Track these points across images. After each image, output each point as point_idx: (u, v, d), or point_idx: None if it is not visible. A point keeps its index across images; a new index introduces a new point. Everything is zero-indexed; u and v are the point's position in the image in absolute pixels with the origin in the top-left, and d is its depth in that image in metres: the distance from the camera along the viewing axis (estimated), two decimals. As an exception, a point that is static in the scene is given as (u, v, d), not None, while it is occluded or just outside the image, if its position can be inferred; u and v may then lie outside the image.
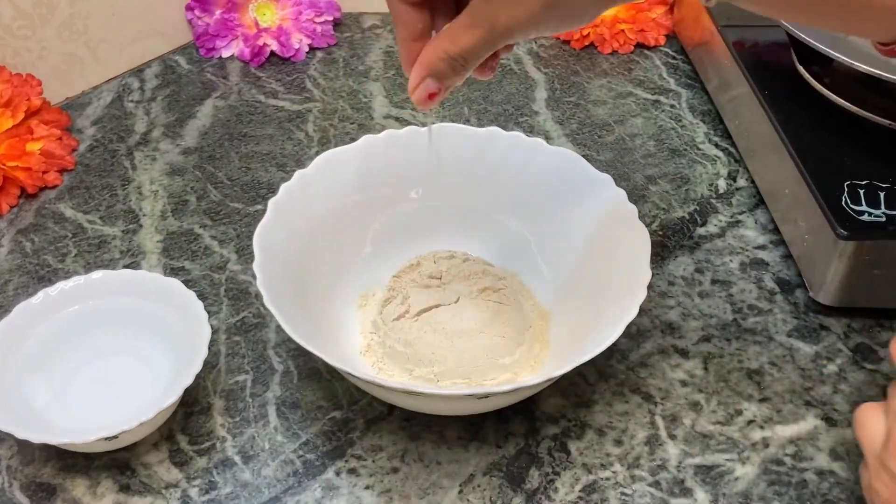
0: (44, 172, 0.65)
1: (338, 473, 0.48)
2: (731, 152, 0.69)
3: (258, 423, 0.50)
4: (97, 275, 0.52)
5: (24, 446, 0.49)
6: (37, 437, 0.44)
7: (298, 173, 0.53)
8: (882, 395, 0.52)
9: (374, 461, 0.48)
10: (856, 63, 0.56)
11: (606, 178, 0.53)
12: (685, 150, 0.69)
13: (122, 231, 0.62)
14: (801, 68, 0.64)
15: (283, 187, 0.52)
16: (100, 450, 0.47)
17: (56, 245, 0.61)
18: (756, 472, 0.48)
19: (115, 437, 0.45)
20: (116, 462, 0.48)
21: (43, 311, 0.51)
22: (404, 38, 0.41)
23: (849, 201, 0.53)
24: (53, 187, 0.66)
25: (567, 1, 0.37)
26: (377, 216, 0.56)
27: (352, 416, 0.51)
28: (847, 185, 0.54)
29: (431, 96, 0.41)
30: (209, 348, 0.49)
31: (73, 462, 0.48)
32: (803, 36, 0.60)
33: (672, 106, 0.74)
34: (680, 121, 0.72)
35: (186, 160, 0.68)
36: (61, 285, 0.51)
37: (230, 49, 0.80)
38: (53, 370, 0.50)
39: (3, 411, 0.45)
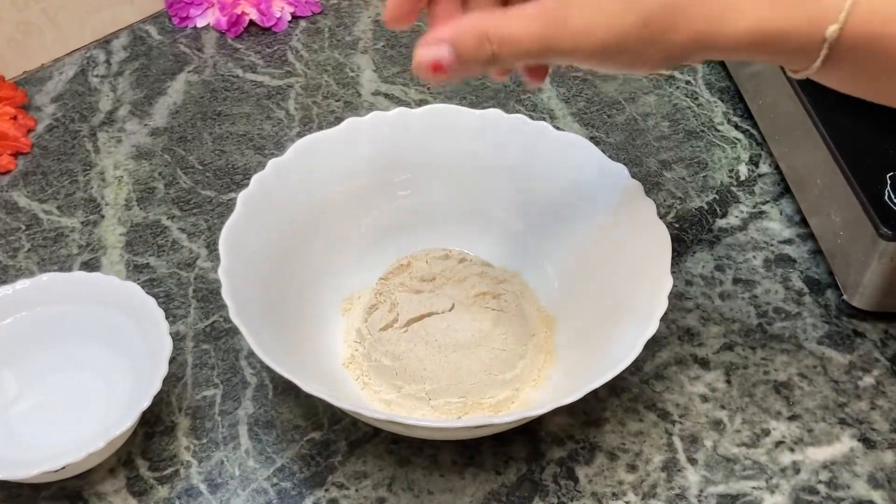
0: (-4, 156, 0.59)
1: (317, 505, 0.42)
2: (752, 134, 0.63)
3: (228, 446, 0.45)
4: (46, 277, 0.46)
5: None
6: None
7: (273, 162, 0.47)
8: (927, 414, 0.46)
9: (357, 490, 0.43)
10: None
11: (620, 169, 0.47)
12: (702, 131, 0.63)
13: (82, 223, 0.56)
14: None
15: (256, 178, 0.46)
16: (46, 480, 0.41)
17: (7, 238, 0.55)
18: (786, 502, 0.43)
19: (62, 468, 0.39)
20: (67, 492, 0.43)
21: None
22: None
23: (892, 195, 0.47)
24: (6, 172, 0.59)
25: (648, 42, 0.33)
26: (362, 211, 0.50)
27: (333, 437, 0.45)
28: (890, 178, 0.48)
29: (436, 68, 0.34)
30: (174, 358, 0.44)
31: (19, 492, 0.43)
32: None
33: (687, 82, 0.68)
34: (696, 99, 0.66)
35: (155, 142, 0.62)
36: (4, 290, 0.46)
37: (205, 18, 0.73)
38: (8, 380, 0.45)
39: None
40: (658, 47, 0.33)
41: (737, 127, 0.64)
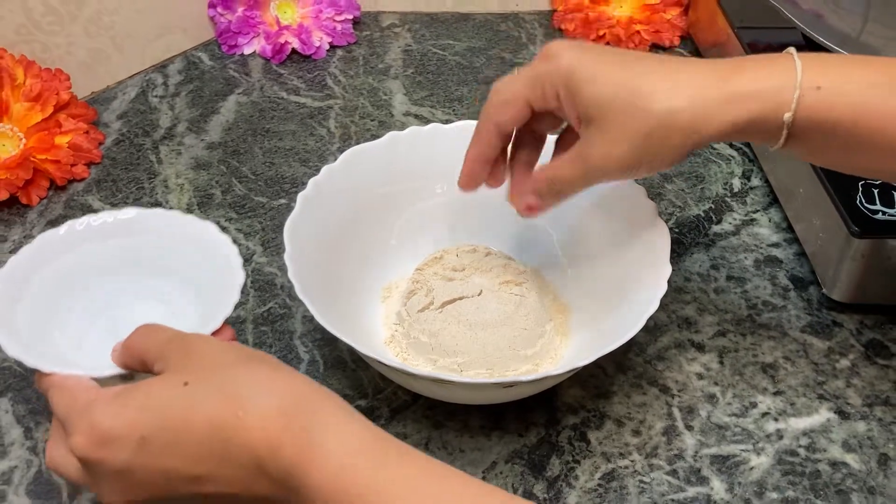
0: (72, 165, 0.67)
1: (364, 460, 0.49)
2: (745, 152, 0.70)
3: (286, 411, 0.51)
4: (129, 212, 0.49)
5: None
6: (47, 367, 0.41)
7: (326, 168, 0.54)
8: (895, 390, 0.53)
9: (398, 448, 0.50)
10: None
11: (626, 176, 0.54)
12: (701, 149, 0.71)
13: (150, 223, 0.63)
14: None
15: (312, 181, 0.53)
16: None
17: (85, 236, 0.62)
18: (770, 462, 0.49)
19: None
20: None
21: (67, 243, 0.47)
22: (475, 157, 0.48)
23: (863, 200, 0.55)
24: (81, 180, 0.67)
25: (653, 153, 0.42)
26: (401, 211, 0.57)
27: (377, 404, 0.52)
28: (861, 185, 0.55)
29: (530, 208, 0.48)
30: (239, 337, 0.50)
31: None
32: (818, 37, 0.61)
33: (687, 106, 0.75)
34: (695, 120, 0.73)
35: (211, 155, 0.70)
36: (89, 219, 0.48)
37: (252, 46, 0.81)
38: (72, 308, 0.47)
39: (14, 339, 0.43)
40: (662, 153, 0.43)
41: (731, 145, 0.71)
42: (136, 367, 0.41)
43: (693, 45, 0.82)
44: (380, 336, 0.54)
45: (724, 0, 0.76)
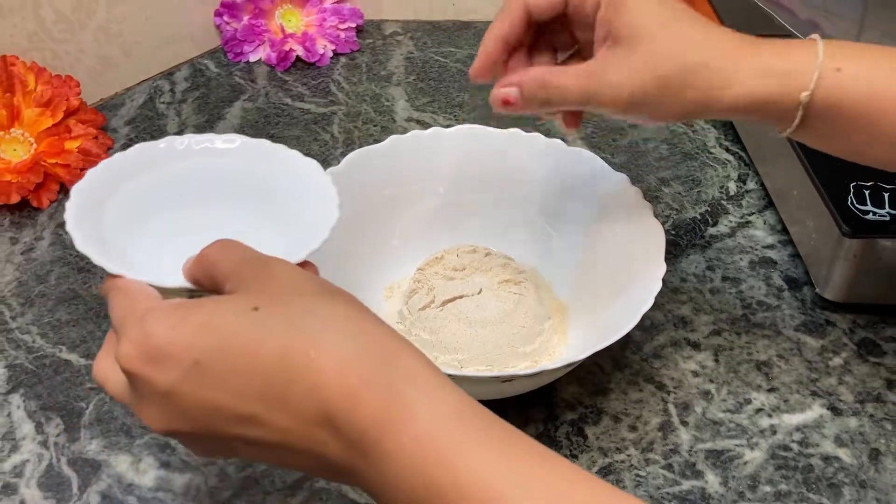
0: (81, 169, 0.68)
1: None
2: (741, 156, 0.72)
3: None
4: (233, 139, 0.46)
5: (70, 424, 0.51)
6: (114, 268, 0.38)
7: (330, 171, 0.56)
8: (886, 388, 0.54)
9: (400, 443, 0.51)
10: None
11: (622, 177, 0.56)
12: (697, 153, 0.72)
13: (157, 225, 0.65)
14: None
15: (316, 183, 0.55)
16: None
17: (94, 238, 0.64)
18: (764, 456, 0.51)
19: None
20: (157, 440, 0.51)
21: (163, 157, 0.45)
22: (496, 35, 0.45)
23: (854, 201, 0.56)
24: (91, 183, 0.68)
25: (664, 99, 0.43)
26: (403, 212, 0.59)
27: (379, 400, 0.53)
28: (853, 187, 0.57)
29: (506, 102, 0.45)
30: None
31: (117, 440, 0.51)
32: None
33: (684, 111, 0.77)
34: (692, 126, 0.75)
35: (217, 159, 0.71)
36: (190, 139, 0.46)
37: (257, 53, 0.83)
38: (155, 222, 0.44)
39: (88, 237, 0.40)
40: (672, 102, 0.43)
41: (727, 150, 0.72)
42: (205, 283, 0.37)
43: (690, 53, 0.83)
44: (382, 334, 0.55)
45: (720, 7, 0.78)
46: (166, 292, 0.38)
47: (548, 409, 0.53)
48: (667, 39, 0.42)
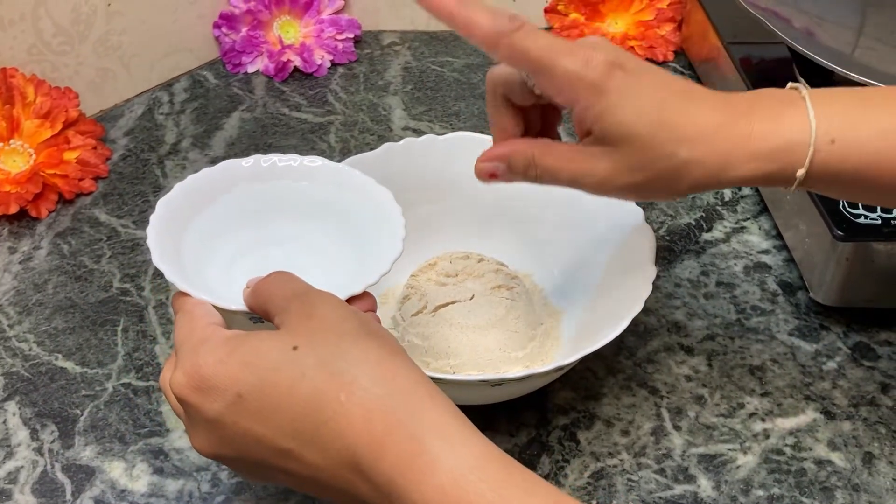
0: (80, 179, 0.69)
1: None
2: (736, 162, 0.72)
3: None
4: (315, 161, 0.48)
5: (64, 431, 0.52)
6: (182, 284, 0.41)
7: (323, 178, 0.56)
8: (880, 391, 0.54)
9: (393, 448, 0.51)
10: (857, 76, 0.59)
11: (614, 183, 0.56)
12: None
13: (154, 234, 0.65)
14: (801, 82, 0.66)
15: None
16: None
17: (91, 247, 0.64)
18: (757, 461, 0.51)
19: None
20: (151, 447, 0.51)
21: (249, 175, 0.47)
22: (496, 127, 0.47)
23: (846, 205, 0.56)
24: (89, 194, 0.69)
25: (657, 189, 0.42)
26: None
27: (372, 406, 0.53)
28: (844, 190, 0.57)
29: (492, 176, 0.45)
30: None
31: (111, 446, 0.51)
32: (804, 50, 0.62)
33: (679, 118, 0.77)
34: (687, 132, 0.75)
35: (214, 169, 0.72)
36: (275, 157, 0.48)
37: (255, 65, 0.83)
38: (234, 241, 0.46)
39: (165, 253, 0.42)
40: (667, 191, 0.43)
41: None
42: (259, 313, 0.40)
43: (686, 60, 0.84)
44: (375, 340, 0.55)
45: (714, 16, 0.78)
46: (228, 314, 0.40)
47: (540, 413, 0.53)
48: (656, 140, 0.41)
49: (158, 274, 0.57)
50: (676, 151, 0.41)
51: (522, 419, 0.52)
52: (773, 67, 0.71)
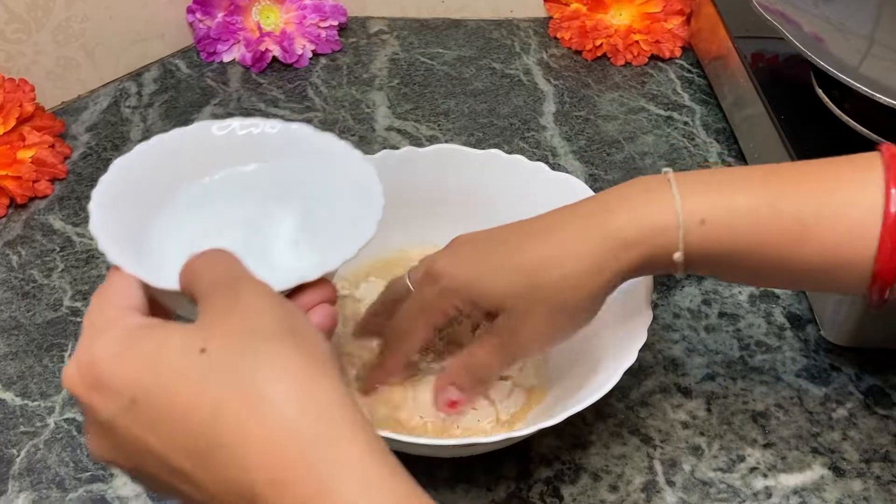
0: (34, 182, 0.64)
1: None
2: (744, 175, 0.66)
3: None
4: (305, 128, 0.43)
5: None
6: (115, 257, 0.36)
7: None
8: (895, 444, 0.49)
9: (357, 501, 0.46)
10: (876, 94, 0.53)
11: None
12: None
13: (111, 246, 0.60)
14: (819, 91, 0.61)
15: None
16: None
17: (43, 259, 0.59)
18: (757, 524, 0.46)
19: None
20: (92, 495, 0.46)
21: (205, 144, 0.43)
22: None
23: (865, 238, 0.51)
24: (43, 197, 0.64)
25: (569, 320, 0.43)
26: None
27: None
28: (863, 221, 0.51)
29: (451, 405, 0.45)
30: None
31: (48, 493, 0.46)
32: (818, 62, 0.57)
33: (685, 123, 0.71)
34: (693, 139, 0.70)
35: (181, 171, 0.66)
36: (236, 121, 0.43)
37: (231, 53, 0.78)
38: (188, 214, 0.41)
39: (106, 216, 0.38)
40: (578, 315, 0.43)
41: (730, 167, 0.67)
42: (187, 294, 0.35)
43: (694, 57, 0.78)
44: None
45: (724, 10, 0.72)
46: (163, 295, 0.36)
47: (521, 464, 0.48)
48: (530, 284, 0.42)
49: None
50: (547, 280, 0.42)
51: (502, 471, 0.48)
52: (785, 67, 0.66)
